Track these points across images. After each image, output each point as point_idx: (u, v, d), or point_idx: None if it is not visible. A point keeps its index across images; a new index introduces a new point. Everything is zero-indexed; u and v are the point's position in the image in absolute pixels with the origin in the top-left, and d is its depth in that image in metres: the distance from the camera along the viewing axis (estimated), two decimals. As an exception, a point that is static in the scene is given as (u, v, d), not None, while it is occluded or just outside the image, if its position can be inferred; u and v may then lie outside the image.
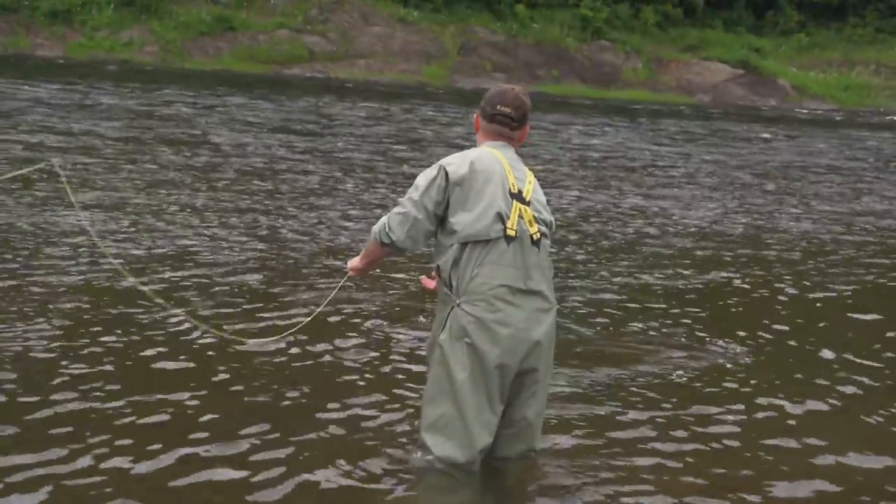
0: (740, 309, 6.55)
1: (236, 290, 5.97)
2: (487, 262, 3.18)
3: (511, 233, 3.22)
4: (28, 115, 14.60)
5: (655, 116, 25.52)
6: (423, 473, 3.26)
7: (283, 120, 17.32)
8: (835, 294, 7.13)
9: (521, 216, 3.26)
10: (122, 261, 4.91)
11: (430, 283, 3.60)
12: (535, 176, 3.47)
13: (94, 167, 10.75)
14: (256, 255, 7.08)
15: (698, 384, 4.76)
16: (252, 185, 10.52)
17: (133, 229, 7.60)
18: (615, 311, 6.17)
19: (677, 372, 4.93)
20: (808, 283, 7.37)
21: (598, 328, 5.68)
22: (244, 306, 5.60)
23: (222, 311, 5.37)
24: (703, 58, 34.20)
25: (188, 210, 8.66)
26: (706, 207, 11.38)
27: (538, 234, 3.28)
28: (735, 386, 4.72)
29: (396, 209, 3.30)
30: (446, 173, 3.21)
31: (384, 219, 3.32)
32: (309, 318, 4.25)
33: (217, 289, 5.93)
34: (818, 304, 6.77)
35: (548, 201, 3.55)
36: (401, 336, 5.10)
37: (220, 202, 9.25)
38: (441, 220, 3.27)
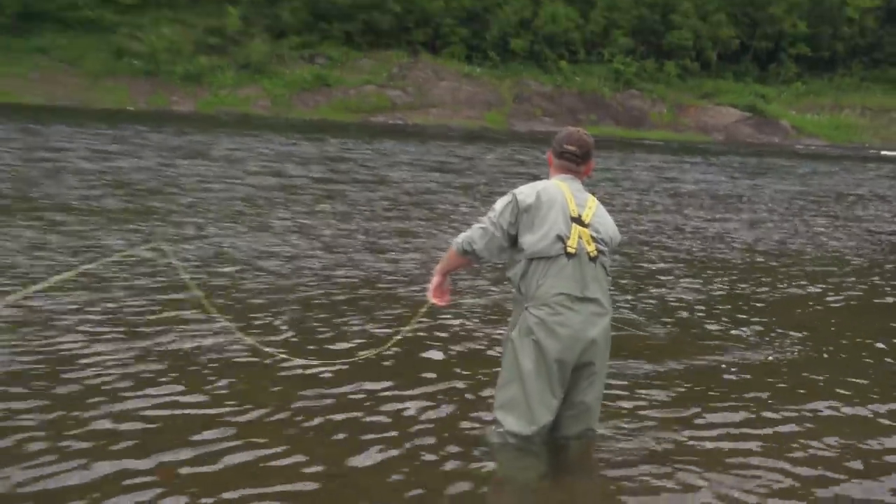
0: (798, 316, 6.78)
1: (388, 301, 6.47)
2: (550, 274, 3.60)
3: (571, 250, 3.62)
4: (246, 162, 16.80)
5: (701, 153, 28.72)
6: (498, 444, 3.73)
7: (429, 160, 20.02)
8: (886, 304, 7.54)
9: (580, 237, 3.65)
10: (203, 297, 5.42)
11: None
12: (610, 202, 5.11)
13: (300, 201, 12.04)
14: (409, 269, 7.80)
15: (752, 380, 4.99)
16: (419, 213, 11.67)
17: (321, 250, 8.49)
18: (684, 314, 6.56)
19: (732, 367, 5.21)
20: (859, 294, 7.77)
21: (668, 327, 6.08)
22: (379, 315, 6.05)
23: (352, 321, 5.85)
24: (717, 103, 39.96)
25: (367, 233, 9.68)
26: (765, 228, 12.06)
27: (595, 252, 3.67)
28: (785, 384, 4.94)
29: (478, 225, 3.71)
30: (517, 200, 3.62)
31: (467, 232, 3.72)
32: (397, 338, 4.66)
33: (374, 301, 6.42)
34: (869, 314, 7.06)
35: (624, 221, 5.02)
36: (478, 337, 5.60)
37: (394, 228, 10.19)
38: (513, 239, 3.68)
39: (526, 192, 3.64)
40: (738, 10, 40.19)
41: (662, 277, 8.12)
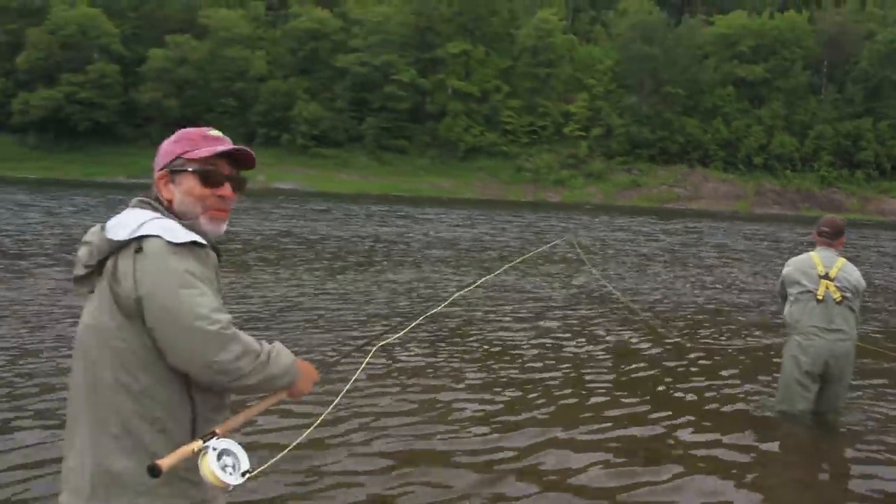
0: None
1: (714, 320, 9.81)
2: (805, 313, 5.49)
3: (819, 298, 5.38)
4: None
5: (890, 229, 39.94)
6: (777, 418, 5.80)
7: (722, 230, 31.07)
8: None
9: (827, 288, 5.38)
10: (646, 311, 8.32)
11: None
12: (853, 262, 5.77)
13: (661, 257, 17.80)
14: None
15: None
16: (742, 265, 16.93)
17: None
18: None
19: None
20: None
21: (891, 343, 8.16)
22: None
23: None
24: (891, 196, 59.05)
25: (709, 279, 14.33)
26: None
27: (840, 297, 5.41)
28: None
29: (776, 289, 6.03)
30: (783, 273, 5.74)
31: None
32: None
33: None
34: None
35: (866, 272, 6.22)
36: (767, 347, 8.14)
37: (723, 273, 15.10)
38: (786, 293, 5.75)
39: (787, 265, 5.80)
40: (905, 138, 61.14)
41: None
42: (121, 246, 2.02)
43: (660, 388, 6.63)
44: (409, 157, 63.98)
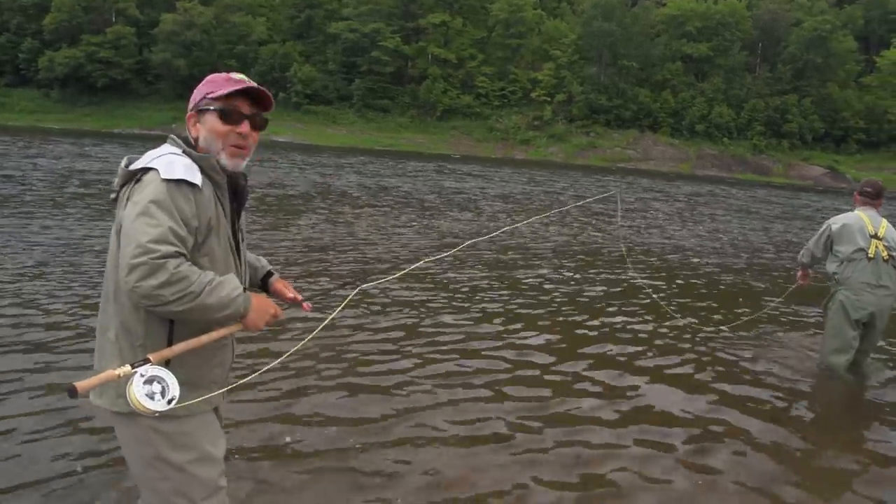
0: None
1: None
2: (857, 270, 5.57)
3: (870, 256, 5.45)
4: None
5: (817, 193, 45.45)
6: (823, 371, 6.06)
7: (685, 189, 45.16)
8: None
9: (876, 247, 5.46)
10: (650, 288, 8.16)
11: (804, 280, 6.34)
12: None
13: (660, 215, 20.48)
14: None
15: None
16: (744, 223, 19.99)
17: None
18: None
19: None
20: None
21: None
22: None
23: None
24: (810, 163, 66.55)
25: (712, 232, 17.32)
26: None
27: (888, 256, 5.53)
28: None
29: (805, 248, 5.96)
30: (831, 229, 5.71)
31: (802, 251, 6.02)
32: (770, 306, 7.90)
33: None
34: None
35: None
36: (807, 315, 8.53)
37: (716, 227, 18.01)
38: (829, 249, 5.72)
39: (836, 222, 5.79)
40: (824, 113, 68.51)
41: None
42: (132, 175, 2.19)
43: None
44: (391, 115, 71.41)
